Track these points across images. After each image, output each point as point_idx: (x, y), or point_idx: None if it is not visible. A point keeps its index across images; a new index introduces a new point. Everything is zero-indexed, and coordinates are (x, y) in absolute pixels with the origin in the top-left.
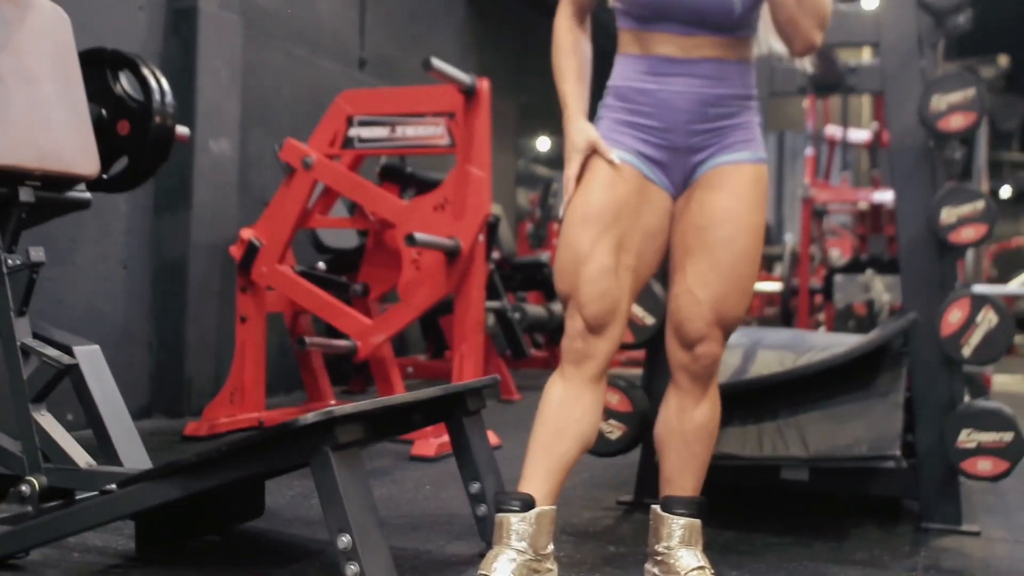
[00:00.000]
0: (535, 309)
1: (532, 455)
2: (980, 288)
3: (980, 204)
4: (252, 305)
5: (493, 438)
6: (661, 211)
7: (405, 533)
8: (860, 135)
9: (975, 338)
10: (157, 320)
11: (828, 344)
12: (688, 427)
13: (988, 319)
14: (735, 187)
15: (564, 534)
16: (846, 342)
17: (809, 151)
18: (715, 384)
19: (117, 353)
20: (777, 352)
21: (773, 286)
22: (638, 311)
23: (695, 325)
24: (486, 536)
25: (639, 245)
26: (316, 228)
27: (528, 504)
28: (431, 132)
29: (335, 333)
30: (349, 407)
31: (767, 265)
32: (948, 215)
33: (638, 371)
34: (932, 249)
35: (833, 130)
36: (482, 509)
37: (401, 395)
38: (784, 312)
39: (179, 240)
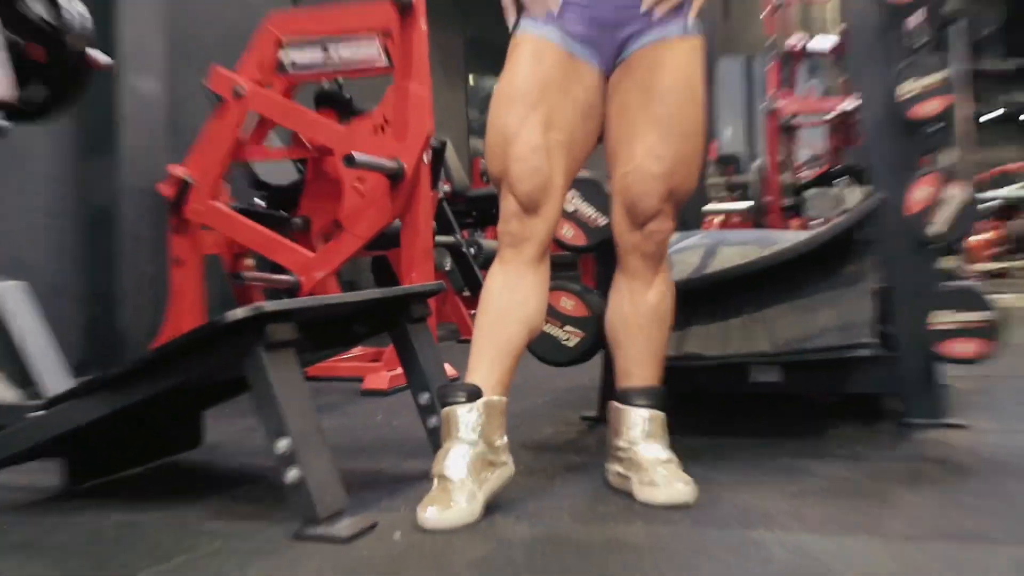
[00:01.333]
0: (492, 244)
1: (476, 345)
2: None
3: (942, 75)
4: (187, 247)
5: (451, 371)
6: (592, 88)
7: (355, 455)
8: (825, 42)
9: (942, 215)
10: (87, 271)
11: (794, 238)
12: (642, 310)
13: (954, 195)
14: (672, 62)
15: (523, 448)
16: (808, 235)
17: (771, 63)
18: (666, 266)
19: (46, 308)
20: (740, 248)
21: (742, 205)
22: (589, 211)
23: (648, 201)
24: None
25: (570, 121)
26: (252, 162)
27: (475, 394)
28: (367, 52)
29: (279, 271)
30: (280, 303)
31: (737, 193)
32: (910, 88)
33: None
34: (897, 128)
35: (796, 39)
36: (433, 420)
37: (337, 295)
38: (755, 228)
39: (106, 186)
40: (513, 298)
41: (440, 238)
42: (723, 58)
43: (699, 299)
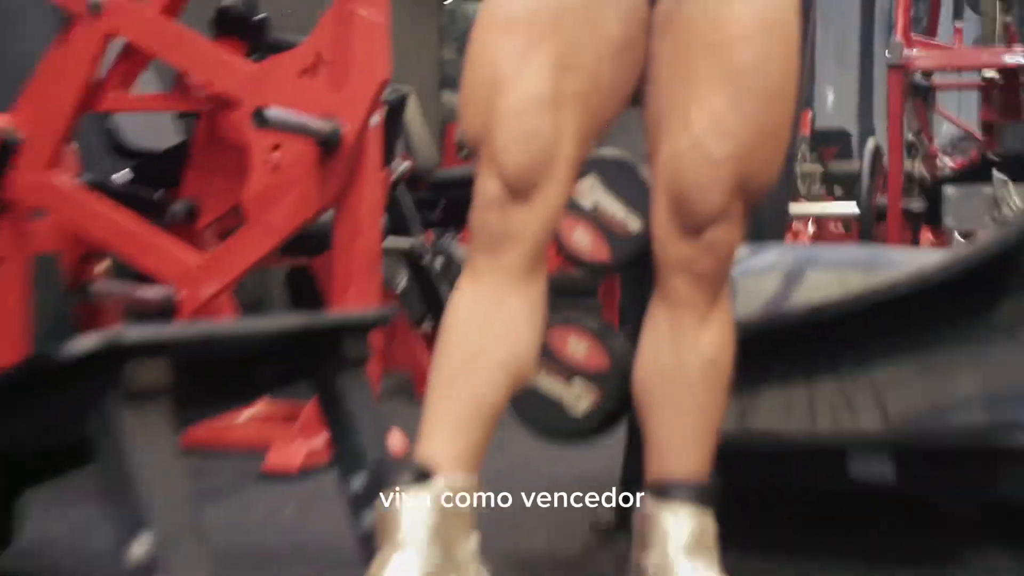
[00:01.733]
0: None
1: (433, 401)
2: None
3: None
4: (7, 240)
5: (400, 440)
6: (631, 14)
7: (252, 567)
8: None
9: None
10: None
11: (916, 260)
12: (691, 361)
13: None
14: None
15: (506, 566)
16: (944, 256)
17: None
18: (727, 295)
19: None
20: (838, 273)
21: (846, 207)
22: (616, 210)
23: (710, 196)
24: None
25: (594, 64)
26: (112, 114)
27: (427, 475)
28: None
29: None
30: (149, 330)
31: (842, 188)
32: None
33: None
34: None
35: None
36: (369, 517)
37: (235, 322)
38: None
39: None
40: (488, 331)
41: (392, 241)
42: None
43: (774, 348)
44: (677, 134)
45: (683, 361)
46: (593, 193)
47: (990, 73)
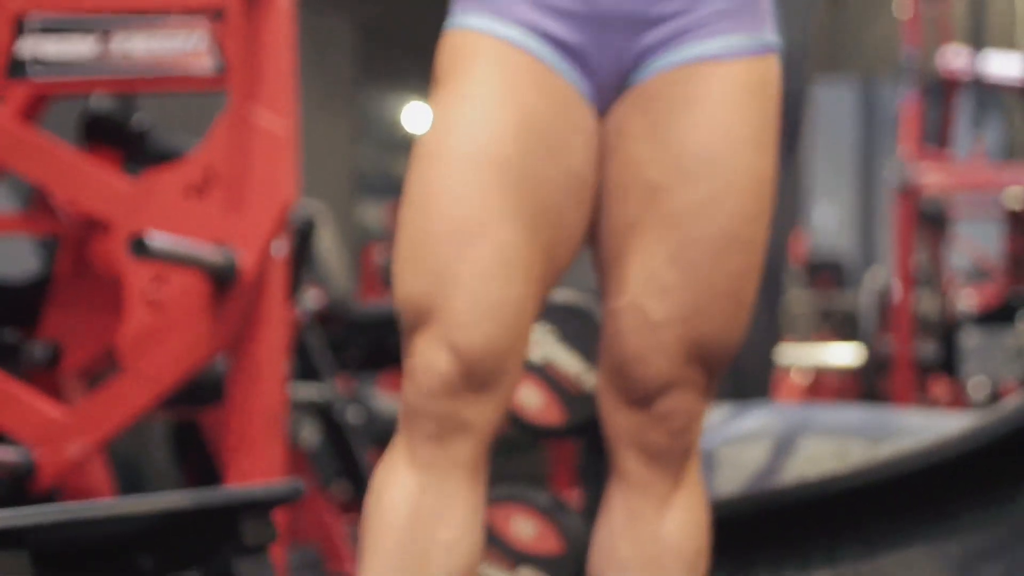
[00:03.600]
0: (390, 406)
1: None
2: None
3: None
4: None
5: None
6: (590, 135)
7: None
8: (1010, 64)
9: None
10: None
11: (929, 425)
12: (651, 554)
13: None
14: (715, 106)
15: None
16: (962, 423)
17: (907, 95)
18: (693, 471)
19: None
20: (836, 440)
21: (845, 354)
22: (571, 365)
23: (651, 366)
24: None
25: (559, 204)
26: None
27: None
28: (179, 45)
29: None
30: (3, 515)
31: (841, 328)
32: None
33: None
34: None
35: (955, 57)
36: None
37: (108, 501)
38: (867, 398)
39: None
40: (435, 535)
41: (300, 390)
42: (822, 82)
43: (763, 531)
44: (615, 291)
45: (642, 553)
46: (544, 345)
47: (1017, 194)
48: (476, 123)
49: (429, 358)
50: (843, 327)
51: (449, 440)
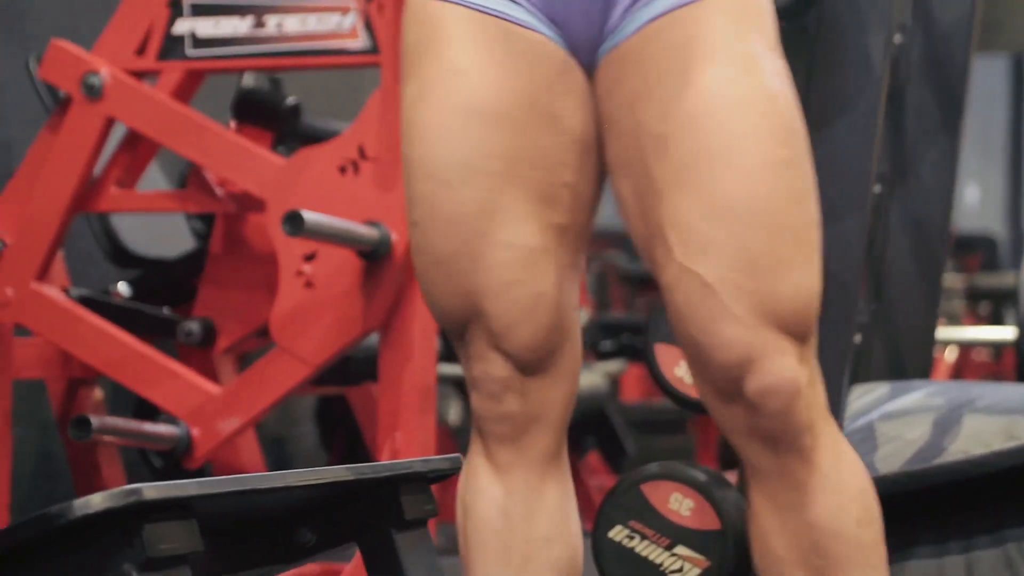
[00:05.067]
0: None
1: None
2: None
3: None
4: None
5: None
6: (585, 95)
7: None
8: None
9: None
10: None
11: None
12: (805, 542)
13: None
14: (707, 41)
15: None
16: None
17: None
18: (832, 447)
19: None
20: (1002, 418)
21: (1000, 332)
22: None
23: (720, 334)
24: None
25: (567, 174)
26: (111, 215)
27: None
28: (331, 26)
29: (149, 413)
30: (171, 485)
31: (994, 308)
32: None
33: None
34: None
35: None
36: None
37: (272, 475)
38: (1022, 379)
39: None
40: (532, 533)
41: (448, 368)
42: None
43: (924, 509)
44: (663, 263)
45: (798, 546)
46: None
47: None
48: (453, 124)
49: (485, 367)
50: (995, 307)
51: (524, 437)
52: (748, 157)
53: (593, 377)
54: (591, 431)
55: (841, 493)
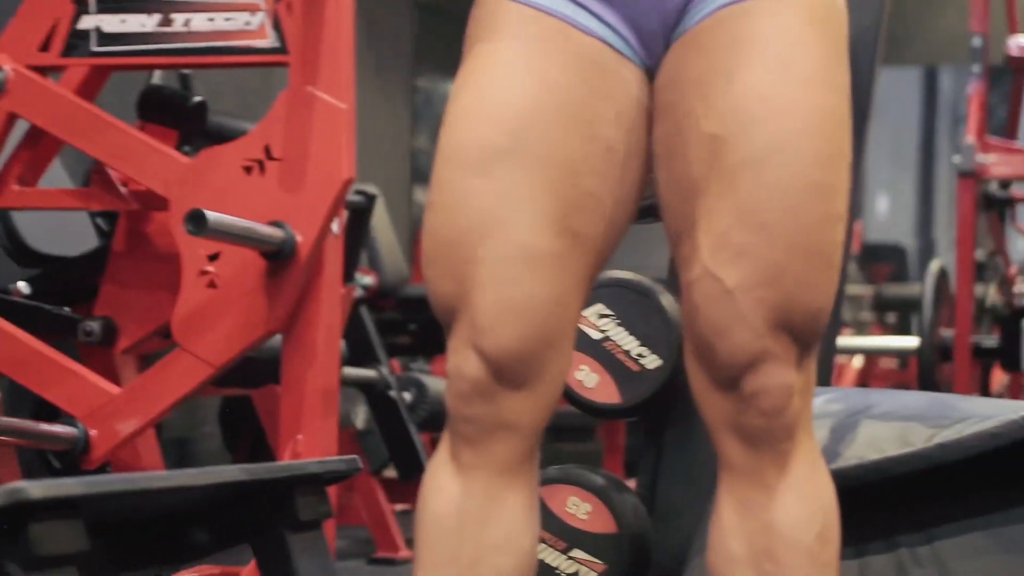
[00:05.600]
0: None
1: None
2: None
3: None
4: None
5: None
6: (632, 103)
7: None
8: None
9: None
10: None
11: (993, 411)
12: (760, 545)
13: None
14: (770, 42)
15: None
16: None
17: (974, 85)
18: (806, 456)
19: None
20: (898, 425)
21: (902, 341)
22: (629, 343)
23: (733, 338)
24: None
25: (591, 182)
26: (12, 211)
27: None
28: (239, 24)
29: (48, 413)
30: (58, 484)
31: (896, 316)
32: None
33: None
34: None
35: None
36: None
37: (163, 473)
38: (924, 387)
39: None
40: (484, 538)
41: (352, 371)
42: (884, 71)
43: None
44: (688, 260)
45: (752, 547)
46: (602, 324)
47: None
48: (482, 115)
49: (459, 362)
50: (903, 317)
51: (489, 442)
52: (793, 178)
53: None
54: None
55: (807, 504)
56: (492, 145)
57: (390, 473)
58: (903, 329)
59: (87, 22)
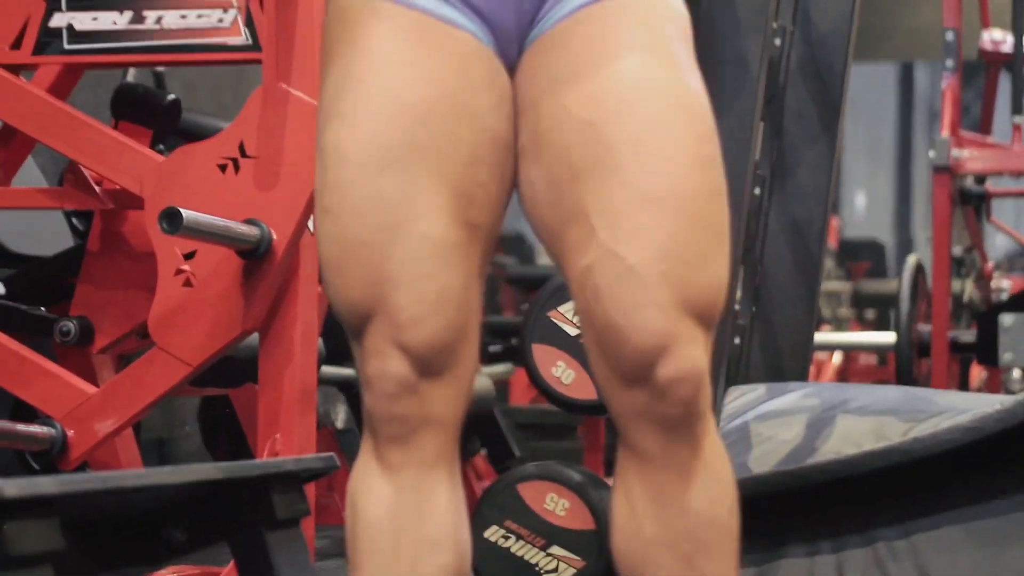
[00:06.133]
0: None
1: None
2: None
3: None
4: None
5: None
6: (504, 93)
7: None
8: None
9: None
10: None
11: (969, 406)
12: (681, 529)
13: None
14: (636, 33)
15: None
16: (1004, 401)
17: (947, 79)
18: (712, 435)
19: None
20: (874, 419)
21: (880, 337)
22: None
23: (643, 317)
24: None
25: (481, 172)
26: None
27: None
28: (212, 21)
29: (26, 413)
30: (32, 482)
31: (875, 312)
32: None
33: None
34: None
35: (996, 37)
36: None
37: (138, 471)
38: (902, 383)
39: None
40: (424, 533)
41: (330, 370)
42: (859, 64)
43: (797, 508)
44: (580, 245)
45: (671, 530)
46: (578, 319)
47: None
48: (374, 111)
49: (381, 363)
50: (878, 312)
51: (416, 439)
52: (675, 151)
53: (481, 380)
54: (478, 434)
55: (720, 482)
56: (390, 143)
57: None
58: (882, 325)
59: (59, 20)
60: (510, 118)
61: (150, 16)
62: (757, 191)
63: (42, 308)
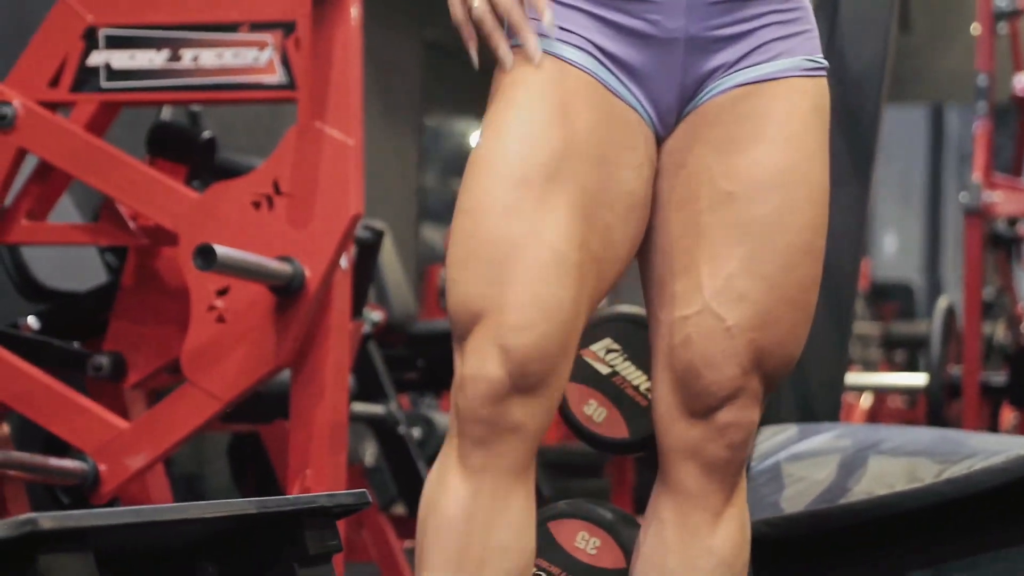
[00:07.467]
0: None
1: None
2: None
3: None
4: None
5: None
6: (646, 156)
7: None
8: None
9: None
10: None
11: (1002, 447)
12: (702, 565)
13: None
14: (784, 122)
15: None
16: None
17: (980, 123)
18: (744, 488)
19: None
20: (907, 460)
21: (911, 379)
22: (637, 378)
23: (723, 371)
24: None
25: (609, 219)
26: (21, 246)
27: None
28: (248, 60)
29: (58, 448)
30: (68, 516)
31: (905, 353)
32: None
33: None
34: None
35: None
36: None
37: (171, 506)
38: (933, 424)
39: None
40: (491, 539)
41: (360, 407)
42: (889, 107)
43: (829, 549)
44: (684, 297)
45: (694, 567)
46: (610, 358)
47: None
48: (527, 135)
49: (480, 363)
50: (911, 355)
51: (499, 444)
52: (793, 240)
53: None
54: None
55: (743, 533)
56: (534, 163)
57: (399, 510)
58: (911, 367)
59: (96, 58)
60: (648, 180)
61: (187, 55)
62: None
63: (75, 343)
